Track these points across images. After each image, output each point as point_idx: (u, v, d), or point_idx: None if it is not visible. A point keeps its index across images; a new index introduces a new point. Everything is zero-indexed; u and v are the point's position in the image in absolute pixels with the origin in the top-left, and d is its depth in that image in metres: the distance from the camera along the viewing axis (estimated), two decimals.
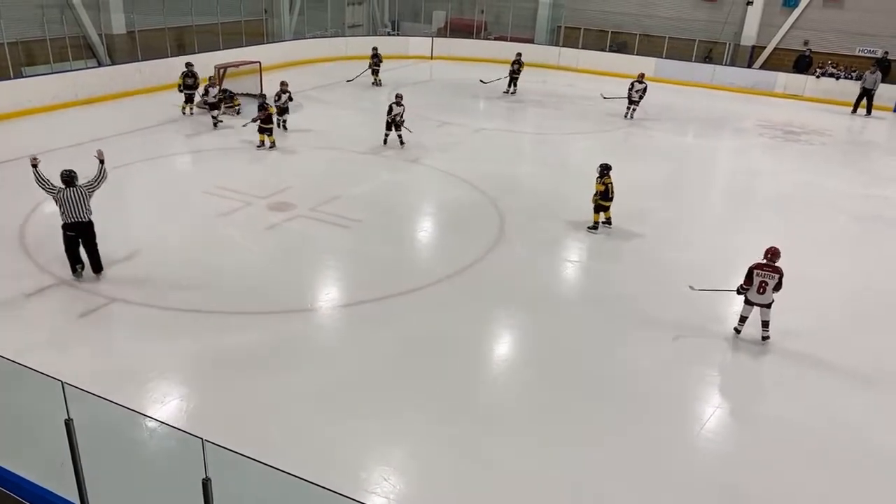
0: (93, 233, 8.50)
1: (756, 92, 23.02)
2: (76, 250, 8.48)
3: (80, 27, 18.96)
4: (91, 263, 8.63)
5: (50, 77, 16.83)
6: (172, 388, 6.75)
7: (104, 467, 4.66)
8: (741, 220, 12.00)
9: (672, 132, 17.94)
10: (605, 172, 10.60)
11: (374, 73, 21.42)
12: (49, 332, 7.57)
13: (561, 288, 9.59)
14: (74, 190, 8.27)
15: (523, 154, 16.09)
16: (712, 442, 6.46)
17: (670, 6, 25.70)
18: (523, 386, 7.20)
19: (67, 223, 8.31)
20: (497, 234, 10.69)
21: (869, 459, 6.30)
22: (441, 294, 8.89)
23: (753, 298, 7.85)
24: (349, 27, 28.37)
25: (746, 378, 7.61)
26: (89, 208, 8.39)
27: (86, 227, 8.40)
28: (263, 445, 5.57)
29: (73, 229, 8.33)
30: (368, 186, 12.55)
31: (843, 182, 14.49)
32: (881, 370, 7.67)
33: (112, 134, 14.59)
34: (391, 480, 5.67)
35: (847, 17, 23.32)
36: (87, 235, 8.44)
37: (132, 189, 12.06)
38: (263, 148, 14.15)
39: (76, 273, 8.53)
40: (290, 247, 10.06)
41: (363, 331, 8.02)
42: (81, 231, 8.38)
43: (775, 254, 7.77)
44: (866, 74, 20.79)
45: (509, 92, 21.01)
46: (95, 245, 8.57)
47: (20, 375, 4.73)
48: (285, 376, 7.02)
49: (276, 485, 3.96)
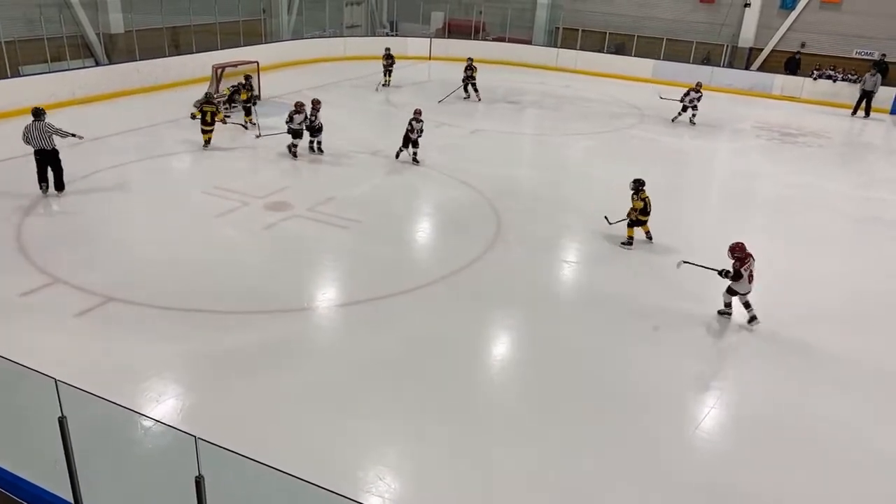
0: (57, 159, 10.99)
1: (754, 94, 23.07)
2: (44, 171, 10.99)
3: (78, 26, 18.94)
4: (55, 182, 11.11)
5: (47, 76, 16.81)
6: (168, 386, 6.73)
7: (98, 465, 4.65)
8: (739, 222, 12.00)
9: (670, 134, 17.96)
10: (640, 188, 10.31)
11: (387, 74, 21.30)
12: (44, 331, 7.54)
13: (558, 288, 9.58)
14: (38, 123, 10.76)
15: (521, 155, 16.09)
16: (708, 442, 6.46)
17: (668, 8, 25.75)
18: (520, 386, 7.20)
19: (35, 149, 10.85)
20: (494, 234, 10.69)
21: (867, 460, 6.31)
22: (438, 294, 8.89)
23: (745, 289, 8.17)
24: (347, 27, 28.38)
25: (743, 378, 7.61)
26: (50, 142, 10.84)
27: (49, 153, 10.89)
28: (259, 444, 5.55)
29: (38, 154, 10.88)
30: (366, 187, 12.54)
31: (841, 184, 14.51)
32: (879, 371, 7.68)
33: (109, 133, 14.57)
34: (387, 480, 5.66)
35: (844, 19, 23.38)
36: (51, 161, 10.97)
37: (129, 189, 12.04)
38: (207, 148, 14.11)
39: (42, 189, 11.06)
40: (287, 247, 10.05)
41: (360, 331, 8.01)
42: (45, 157, 10.87)
43: (742, 247, 8.14)
44: (866, 77, 20.82)
45: (468, 97, 20.23)
46: (60, 169, 11.08)
47: (14, 374, 4.71)
48: (282, 376, 7.00)
49: (272, 484, 3.95)
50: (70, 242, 9.64)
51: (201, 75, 18.81)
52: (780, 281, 9.72)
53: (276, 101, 17.42)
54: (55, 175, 11.10)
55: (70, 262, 8.96)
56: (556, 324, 8.41)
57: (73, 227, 10.25)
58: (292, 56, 23.60)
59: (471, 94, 20.08)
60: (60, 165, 11.09)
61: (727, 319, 8.40)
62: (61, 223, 10.52)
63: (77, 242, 9.66)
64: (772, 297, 9.35)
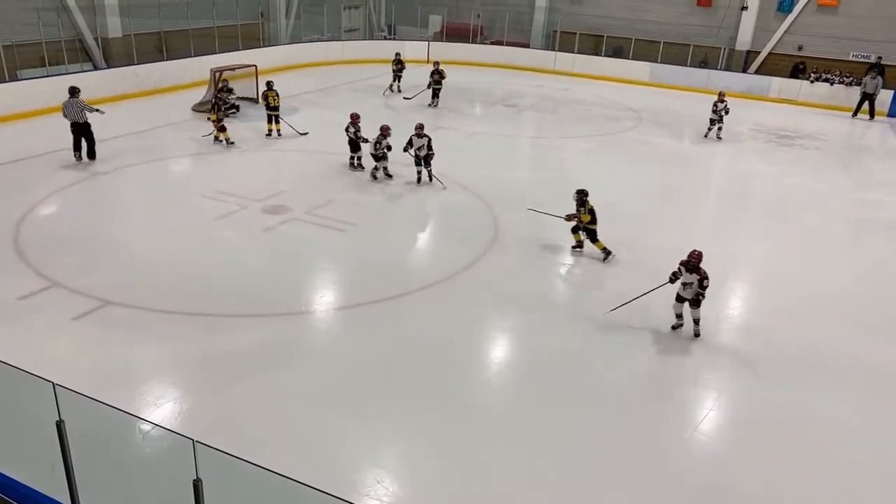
0: (89, 131, 12.70)
1: (751, 96, 23.10)
2: (78, 141, 12.68)
3: (76, 30, 18.96)
4: (87, 151, 12.78)
5: (45, 80, 16.78)
6: (166, 390, 6.73)
7: (96, 469, 4.64)
8: (737, 223, 12.04)
9: (667, 136, 17.99)
10: (584, 199, 9.78)
11: (396, 80, 21.06)
12: (42, 335, 7.54)
13: (556, 291, 9.59)
14: (73, 100, 12.45)
15: (518, 158, 16.11)
16: (707, 443, 6.47)
17: (665, 11, 25.79)
18: (518, 388, 7.20)
19: (71, 122, 12.53)
20: (492, 237, 10.69)
21: (866, 460, 6.32)
22: (436, 297, 8.89)
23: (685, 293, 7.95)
24: (346, 31, 28.42)
25: (741, 379, 7.60)
26: (82, 115, 12.47)
27: (81, 126, 12.57)
28: (257, 448, 5.54)
29: (73, 126, 12.54)
30: (364, 190, 12.54)
31: (837, 186, 14.54)
32: (877, 372, 7.69)
33: (108, 137, 14.52)
34: (385, 483, 5.66)
35: (841, 22, 23.44)
36: (84, 132, 12.66)
37: (128, 192, 12.05)
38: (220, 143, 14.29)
39: (76, 157, 12.72)
40: (286, 250, 10.05)
41: (358, 334, 8.01)
42: (79, 128, 12.58)
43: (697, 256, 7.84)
44: (866, 79, 20.84)
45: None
46: (92, 140, 12.79)
47: (12, 377, 4.71)
48: (280, 379, 7.00)
49: (270, 487, 3.95)
50: (68, 245, 9.63)
51: (199, 79, 18.82)
52: (776, 282, 9.75)
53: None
54: (88, 145, 12.78)
55: (68, 265, 8.96)
56: (554, 326, 8.41)
57: (71, 230, 10.24)
58: (290, 60, 23.60)
59: (435, 101, 19.06)
60: (92, 137, 12.78)
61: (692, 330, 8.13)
62: (59, 226, 10.51)
63: (75, 245, 9.65)
64: (769, 297, 9.39)
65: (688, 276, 7.84)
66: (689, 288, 7.87)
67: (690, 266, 7.79)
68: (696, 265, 7.76)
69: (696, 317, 8.02)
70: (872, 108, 20.76)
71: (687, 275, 7.84)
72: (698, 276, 7.76)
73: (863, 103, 20.85)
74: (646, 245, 10.66)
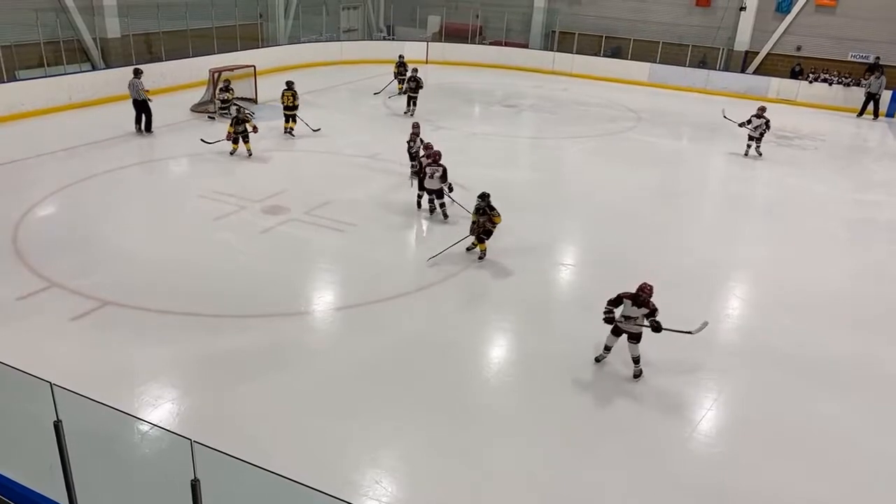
0: (147, 108, 14.86)
1: (750, 97, 23.10)
2: (139, 116, 14.84)
3: (75, 31, 18.92)
4: (145, 125, 14.91)
5: (44, 80, 16.77)
6: (165, 390, 6.72)
7: (94, 470, 4.63)
8: (736, 223, 12.04)
9: (666, 137, 18.00)
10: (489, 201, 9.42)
11: (401, 82, 20.86)
12: (40, 335, 7.52)
13: (554, 292, 9.58)
14: (134, 80, 14.63)
15: (518, 158, 16.10)
16: (705, 444, 6.46)
17: (664, 12, 25.81)
18: (516, 389, 7.19)
19: (132, 98, 14.77)
20: (491, 237, 10.65)
21: (866, 460, 6.32)
22: (434, 298, 8.88)
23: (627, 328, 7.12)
24: (344, 32, 28.42)
25: (740, 380, 7.60)
26: (140, 94, 14.61)
27: (140, 103, 14.76)
28: (255, 448, 5.54)
29: (134, 102, 14.75)
30: (362, 190, 12.53)
31: (836, 186, 14.53)
32: (875, 374, 7.69)
33: (106, 137, 14.56)
34: (383, 483, 5.65)
35: (839, 22, 23.47)
36: (143, 108, 14.84)
37: (127, 192, 12.02)
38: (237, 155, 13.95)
39: (136, 129, 14.91)
40: (284, 250, 10.04)
41: (357, 334, 8.00)
42: (138, 105, 14.78)
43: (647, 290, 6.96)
44: (871, 79, 20.86)
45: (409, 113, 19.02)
46: (150, 115, 14.93)
47: (10, 377, 4.70)
48: (278, 379, 6.99)
49: (268, 487, 3.94)
50: (66, 245, 9.62)
51: (198, 79, 18.81)
52: (775, 282, 9.75)
53: (273, 105, 17.36)
54: (146, 120, 14.82)
55: (66, 266, 8.95)
56: (552, 326, 8.41)
57: (70, 231, 10.22)
58: (289, 60, 23.59)
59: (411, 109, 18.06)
60: (150, 113, 14.82)
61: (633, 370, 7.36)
62: (58, 226, 10.50)
63: (73, 246, 9.64)
64: (767, 297, 9.39)
65: (632, 311, 6.96)
66: (630, 322, 7.03)
67: (640, 301, 6.89)
68: (645, 300, 6.87)
69: (634, 354, 7.18)
70: (877, 107, 20.80)
71: (632, 308, 6.95)
72: (647, 309, 6.89)
73: (868, 103, 20.88)
74: (644, 247, 10.66)
